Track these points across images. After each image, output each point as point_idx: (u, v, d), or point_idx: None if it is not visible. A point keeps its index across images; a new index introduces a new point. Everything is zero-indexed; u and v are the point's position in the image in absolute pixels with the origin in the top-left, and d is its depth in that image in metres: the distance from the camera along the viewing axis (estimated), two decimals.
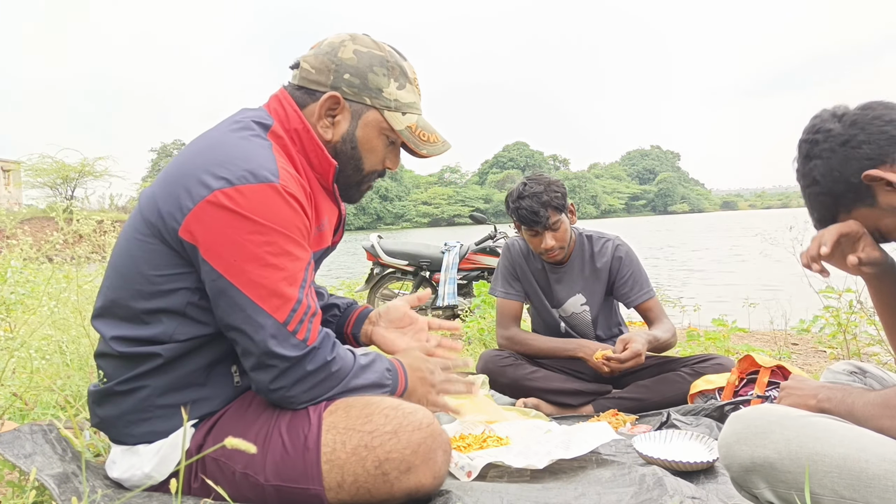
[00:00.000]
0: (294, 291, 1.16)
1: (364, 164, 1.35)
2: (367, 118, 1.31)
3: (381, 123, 1.32)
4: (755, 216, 59.05)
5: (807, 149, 1.13)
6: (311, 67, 1.30)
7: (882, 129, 1.06)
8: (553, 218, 2.27)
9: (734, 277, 10.57)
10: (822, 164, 1.10)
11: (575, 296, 2.47)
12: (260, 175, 1.14)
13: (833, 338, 3.49)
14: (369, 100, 1.30)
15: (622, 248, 2.46)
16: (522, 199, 2.29)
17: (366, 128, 1.32)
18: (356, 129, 1.32)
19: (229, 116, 1.31)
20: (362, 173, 1.37)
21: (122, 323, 1.21)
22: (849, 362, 1.39)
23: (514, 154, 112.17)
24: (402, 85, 1.33)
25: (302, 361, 1.17)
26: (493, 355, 2.45)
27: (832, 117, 1.11)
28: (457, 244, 5.31)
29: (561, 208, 2.30)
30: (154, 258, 1.18)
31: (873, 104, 1.10)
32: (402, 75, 1.33)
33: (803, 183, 1.16)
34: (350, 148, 1.33)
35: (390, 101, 1.31)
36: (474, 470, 1.50)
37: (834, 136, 1.09)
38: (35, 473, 1.06)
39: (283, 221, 1.15)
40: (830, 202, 1.12)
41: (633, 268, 2.42)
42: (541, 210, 2.25)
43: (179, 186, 1.16)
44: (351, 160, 1.34)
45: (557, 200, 2.28)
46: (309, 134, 1.28)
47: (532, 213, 2.26)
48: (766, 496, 1.00)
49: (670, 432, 1.74)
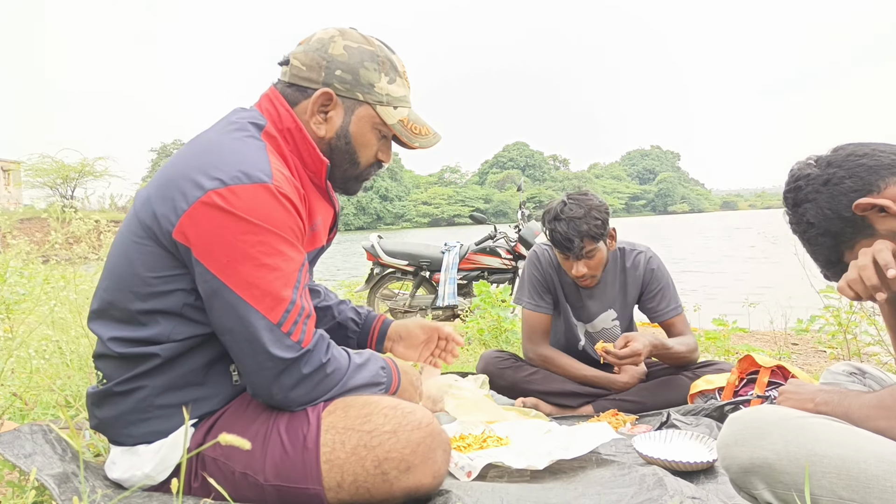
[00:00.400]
0: (288, 292, 1.15)
1: (359, 157, 1.36)
2: (360, 113, 1.32)
3: (373, 118, 1.33)
4: (755, 216, 59.11)
5: (792, 197, 1.15)
6: (302, 64, 1.30)
7: (858, 162, 1.08)
8: (588, 247, 2.12)
9: (734, 277, 10.57)
10: (811, 207, 1.11)
11: (606, 311, 2.39)
12: (254, 176, 1.14)
13: (833, 338, 3.49)
14: (361, 95, 1.31)
15: (654, 260, 2.35)
16: (558, 222, 2.13)
17: (359, 123, 1.33)
18: (349, 124, 1.32)
19: (223, 117, 1.32)
20: (358, 167, 1.38)
21: (119, 324, 1.21)
22: (848, 363, 1.39)
23: (514, 154, 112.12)
24: (392, 79, 1.34)
25: (297, 364, 1.17)
26: (492, 356, 2.45)
27: (807, 165, 1.15)
28: (457, 244, 5.31)
29: (599, 237, 2.14)
30: (149, 260, 1.18)
31: (843, 146, 1.13)
32: (392, 69, 1.34)
33: (799, 230, 1.16)
34: (344, 143, 1.33)
35: (382, 96, 1.32)
36: (474, 470, 1.50)
37: (814, 179, 1.11)
38: (35, 473, 1.06)
39: (276, 222, 1.15)
40: (831, 242, 1.12)
41: (663, 282, 2.33)
42: (576, 239, 2.10)
43: (174, 188, 1.16)
44: (346, 155, 1.35)
45: (596, 230, 2.12)
46: (301, 133, 1.29)
47: (566, 240, 2.12)
48: (764, 497, 1.00)
49: (670, 432, 1.74)
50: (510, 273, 5.29)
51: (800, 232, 1.17)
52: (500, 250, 5.25)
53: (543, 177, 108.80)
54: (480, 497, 1.26)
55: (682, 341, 2.28)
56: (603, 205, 2.20)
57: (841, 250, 1.12)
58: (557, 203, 2.21)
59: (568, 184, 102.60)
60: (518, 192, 5.97)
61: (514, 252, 5.23)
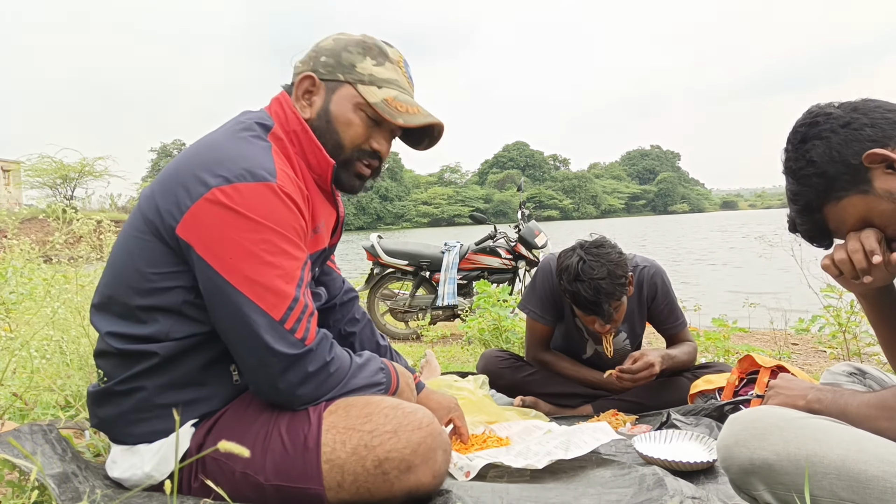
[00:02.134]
0: (291, 289, 1.16)
1: (342, 138, 1.33)
2: (341, 93, 1.32)
3: (355, 98, 1.32)
4: (756, 216, 59.07)
5: (803, 133, 1.09)
6: (300, 63, 1.35)
7: (884, 115, 1.04)
8: (614, 305, 2.04)
9: (734, 277, 10.56)
10: (821, 145, 1.06)
11: (618, 335, 2.35)
12: (258, 174, 1.15)
13: (833, 337, 3.49)
14: (342, 76, 1.32)
15: (658, 275, 2.30)
16: (580, 283, 2.00)
17: (339, 102, 1.32)
18: (330, 103, 1.32)
19: (232, 118, 1.33)
20: (343, 150, 1.33)
21: (118, 319, 1.22)
22: (848, 363, 1.39)
23: (514, 154, 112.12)
24: (379, 62, 1.33)
25: (302, 361, 1.17)
26: (492, 356, 2.45)
27: (829, 105, 1.10)
28: (457, 244, 5.31)
29: (622, 295, 2.03)
30: (151, 255, 1.19)
31: (871, 99, 1.09)
32: (381, 54, 1.34)
33: (795, 167, 1.10)
34: (325, 123, 1.32)
35: (364, 76, 1.32)
36: (473, 470, 1.50)
37: (835, 118, 1.06)
38: (35, 473, 1.06)
39: (279, 220, 1.15)
40: (823, 186, 1.06)
41: (669, 297, 2.31)
42: (604, 304, 2.00)
43: (178, 185, 1.17)
44: (327, 134, 1.32)
45: (620, 289, 2.01)
46: (308, 135, 1.30)
47: (592, 304, 2.00)
48: (764, 498, 1.00)
49: (670, 432, 1.74)
50: (510, 273, 5.28)
51: (794, 169, 1.11)
52: (500, 250, 5.25)
53: (543, 177, 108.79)
54: (480, 497, 1.26)
55: (684, 350, 2.30)
56: (622, 258, 2.07)
57: (827, 198, 1.07)
58: (574, 259, 2.05)
59: (568, 184, 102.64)
60: (518, 191, 5.97)
61: (514, 252, 5.22)
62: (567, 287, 2.06)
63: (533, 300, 2.36)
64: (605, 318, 2.05)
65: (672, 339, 2.37)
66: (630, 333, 2.38)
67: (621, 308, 2.10)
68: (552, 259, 2.33)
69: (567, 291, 2.07)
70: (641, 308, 2.33)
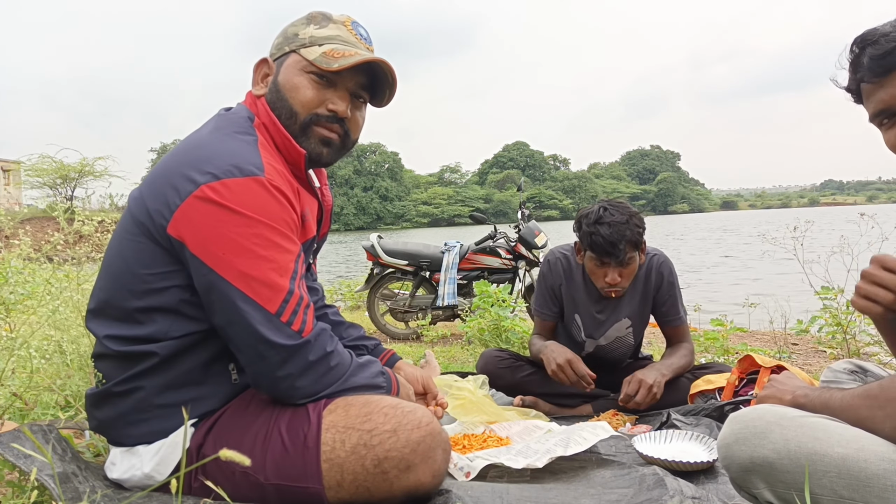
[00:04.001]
0: (285, 282, 1.16)
1: (293, 104, 1.30)
2: (287, 63, 1.33)
3: (298, 62, 1.32)
4: (755, 216, 59.08)
5: None
6: None
7: None
8: (629, 254, 2.10)
9: (734, 277, 10.57)
10: None
11: (621, 321, 2.34)
12: (245, 169, 1.15)
13: (832, 338, 3.49)
14: (288, 47, 1.34)
15: (666, 264, 2.32)
16: (600, 226, 2.08)
17: (286, 70, 1.33)
18: (278, 75, 1.34)
19: (214, 116, 1.34)
20: (297, 116, 1.30)
21: (116, 323, 1.21)
22: (849, 361, 1.39)
23: (514, 154, 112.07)
24: (322, 26, 1.34)
25: (301, 351, 1.17)
26: (492, 355, 2.46)
27: None
28: (457, 244, 5.31)
29: (639, 245, 2.13)
30: (145, 257, 1.19)
31: None
32: (325, 18, 1.35)
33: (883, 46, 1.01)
34: (276, 94, 1.32)
35: (305, 39, 1.33)
36: (473, 470, 1.50)
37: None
38: (35, 473, 1.06)
39: (269, 214, 1.16)
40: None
41: (673, 288, 2.32)
42: (620, 243, 2.06)
43: (166, 184, 1.17)
44: (280, 104, 1.31)
45: (638, 236, 2.10)
46: (276, 126, 1.30)
47: (609, 245, 2.06)
48: (765, 496, 1.00)
49: (670, 432, 1.74)
50: (510, 273, 5.28)
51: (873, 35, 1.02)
52: (500, 250, 5.24)
53: (543, 177, 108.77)
54: (480, 497, 1.26)
55: (681, 354, 2.28)
56: (639, 213, 2.17)
57: None
58: (595, 207, 2.16)
59: (568, 184, 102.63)
60: (518, 191, 5.97)
61: (514, 252, 5.22)
62: (587, 230, 2.12)
63: (536, 298, 2.44)
64: (621, 261, 2.08)
65: (671, 334, 2.36)
66: (634, 320, 2.35)
67: (633, 264, 2.13)
68: (551, 256, 2.39)
69: (586, 235, 2.13)
70: (647, 295, 2.33)
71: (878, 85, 1.04)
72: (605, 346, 2.39)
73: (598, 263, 2.14)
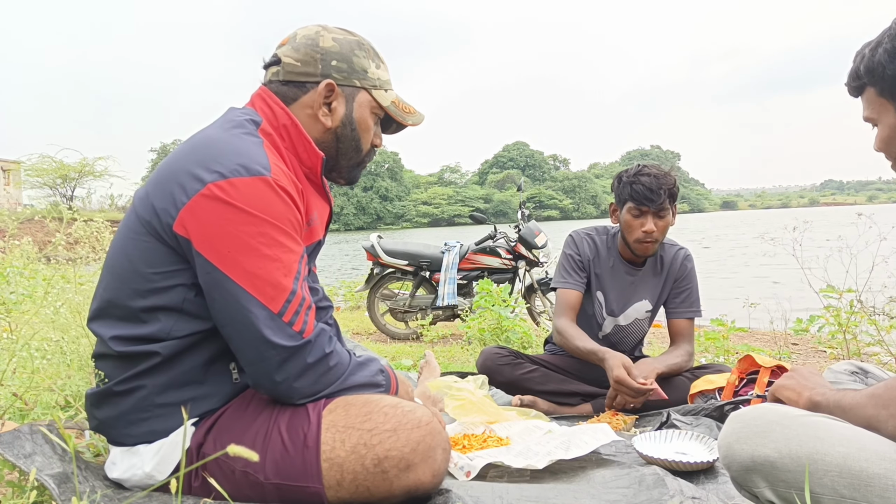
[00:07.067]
0: (288, 282, 1.16)
1: (362, 143, 1.42)
2: (360, 99, 1.37)
3: (371, 103, 1.39)
4: (755, 216, 59.07)
5: None
6: (296, 61, 1.33)
7: None
8: (666, 205, 2.23)
9: (734, 277, 10.57)
10: None
11: (642, 301, 2.41)
12: (252, 169, 1.16)
13: (833, 338, 3.49)
14: (358, 82, 1.36)
15: (689, 259, 2.43)
16: (641, 176, 2.23)
17: (360, 108, 1.38)
18: (353, 111, 1.37)
19: (220, 116, 1.33)
20: (361, 153, 1.43)
21: (120, 323, 1.21)
22: (850, 362, 1.39)
23: (514, 154, 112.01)
24: (378, 64, 1.40)
25: (301, 353, 1.17)
26: (492, 353, 2.45)
27: None
28: (457, 244, 5.31)
29: (673, 198, 2.26)
30: (150, 256, 1.19)
31: None
32: (376, 55, 1.40)
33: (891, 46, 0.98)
34: (350, 130, 1.38)
35: (375, 81, 1.38)
36: (473, 470, 1.50)
37: None
38: (35, 473, 1.06)
39: (275, 214, 1.16)
40: None
41: (692, 283, 2.41)
42: (661, 190, 2.19)
43: (173, 182, 1.17)
44: (352, 142, 1.39)
45: (673, 189, 2.24)
46: (297, 129, 1.31)
47: (649, 191, 2.19)
48: (766, 495, 1.00)
49: (670, 432, 1.74)
50: (510, 273, 5.28)
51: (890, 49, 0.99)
52: (500, 250, 5.25)
53: (543, 177, 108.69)
54: (480, 496, 1.26)
55: (679, 353, 2.30)
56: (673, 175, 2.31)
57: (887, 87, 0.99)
58: (633, 166, 2.30)
59: (568, 184, 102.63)
60: (518, 191, 5.97)
61: (514, 252, 5.22)
62: (628, 181, 2.24)
63: (558, 273, 2.45)
64: (660, 206, 2.20)
65: (678, 329, 2.38)
66: (653, 304, 2.42)
67: (667, 218, 2.25)
68: (576, 235, 2.47)
69: (627, 185, 2.24)
70: (667, 282, 2.41)
71: None
72: (623, 328, 2.42)
73: (637, 213, 2.23)
